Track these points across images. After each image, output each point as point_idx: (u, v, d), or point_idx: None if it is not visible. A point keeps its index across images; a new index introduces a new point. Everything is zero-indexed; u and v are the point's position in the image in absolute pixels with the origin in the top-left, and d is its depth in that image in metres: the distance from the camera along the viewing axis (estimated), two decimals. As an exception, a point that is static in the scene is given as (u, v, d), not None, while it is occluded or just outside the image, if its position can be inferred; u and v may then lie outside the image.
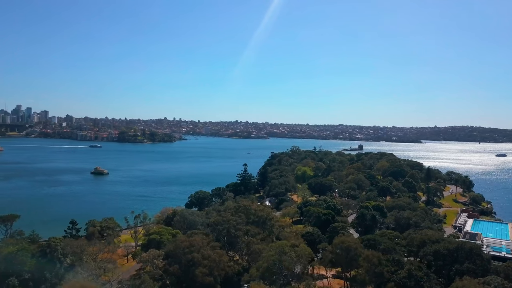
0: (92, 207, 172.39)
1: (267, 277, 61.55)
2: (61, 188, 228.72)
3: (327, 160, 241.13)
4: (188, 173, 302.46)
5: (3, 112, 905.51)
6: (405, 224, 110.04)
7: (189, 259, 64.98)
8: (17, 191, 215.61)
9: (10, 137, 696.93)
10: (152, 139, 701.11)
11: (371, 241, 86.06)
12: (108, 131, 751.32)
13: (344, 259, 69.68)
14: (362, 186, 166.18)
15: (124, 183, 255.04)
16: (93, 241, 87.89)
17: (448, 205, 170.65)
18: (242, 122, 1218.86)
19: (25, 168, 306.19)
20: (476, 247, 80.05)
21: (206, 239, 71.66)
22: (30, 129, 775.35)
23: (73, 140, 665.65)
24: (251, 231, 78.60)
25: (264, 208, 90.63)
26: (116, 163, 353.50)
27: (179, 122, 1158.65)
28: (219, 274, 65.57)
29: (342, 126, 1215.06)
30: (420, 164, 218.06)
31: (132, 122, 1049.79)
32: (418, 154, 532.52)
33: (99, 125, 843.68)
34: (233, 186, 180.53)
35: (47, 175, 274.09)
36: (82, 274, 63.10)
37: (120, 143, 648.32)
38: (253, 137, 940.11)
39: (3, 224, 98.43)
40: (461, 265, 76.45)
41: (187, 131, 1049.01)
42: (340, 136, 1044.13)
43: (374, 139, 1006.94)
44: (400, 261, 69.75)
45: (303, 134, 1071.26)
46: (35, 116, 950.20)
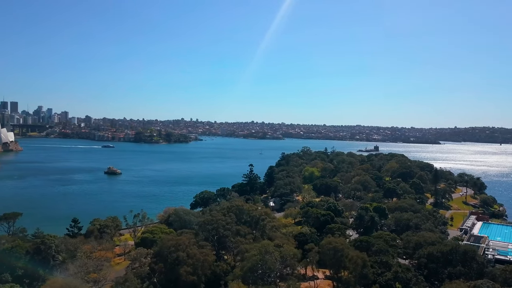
0: (100, 205, 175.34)
1: (249, 277, 61.66)
2: (73, 187, 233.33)
3: (336, 161, 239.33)
4: (199, 173, 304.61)
5: (25, 113, 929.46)
6: (404, 226, 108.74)
7: (174, 257, 65.55)
8: (30, 189, 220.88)
9: (30, 137, 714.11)
10: (168, 140, 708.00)
11: (364, 243, 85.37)
12: (125, 131, 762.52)
13: (331, 260, 69.29)
14: (368, 188, 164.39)
15: (135, 183, 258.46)
16: (90, 239, 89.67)
17: (457, 207, 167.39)
18: (258, 123, 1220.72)
19: (41, 168, 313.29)
20: (470, 250, 78.47)
21: (193, 238, 72.14)
22: (50, 129, 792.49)
23: (91, 140, 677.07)
24: (241, 231, 78.73)
25: (257, 208, 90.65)
26: (129, 163, 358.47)
27: (196, 123, 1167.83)
28: (203, 273, 65.94)
29: (359, 127, 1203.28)
30: (430, 166, 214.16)
31: (149, 122, 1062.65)
32: (434, 155, 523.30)
33: (116, 126, 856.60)
34: (239, 186, 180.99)
35: (61, 174, 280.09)
36: (70, 271, 64.09)
37: (137, 143, 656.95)
38: (268, 138, 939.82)
39: (5, 222, 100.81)
40: (453, 268, 75.25)
41: (203, 132, 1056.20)
42: (357, 137, 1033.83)
43: (391, 140, 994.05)
44: (388, 263, 68.81)
45: (319, 135, 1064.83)
46: (56, 117, 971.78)
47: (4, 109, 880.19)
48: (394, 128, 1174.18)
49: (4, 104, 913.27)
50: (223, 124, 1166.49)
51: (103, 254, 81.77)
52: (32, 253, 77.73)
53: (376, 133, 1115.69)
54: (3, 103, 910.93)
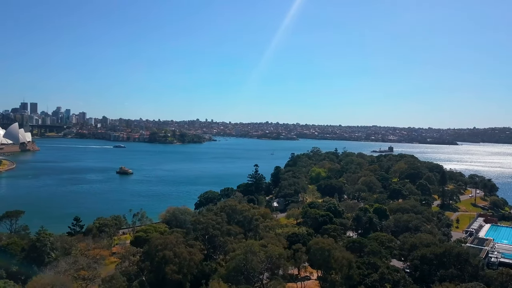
0: (107, 205, 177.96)
1: (233, 276, 61.91)
2: (84, 186, 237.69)
3: (344, 162, 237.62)
4: (209, 173, 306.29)
5: (44, 113, 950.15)
6: (404, 227, 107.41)
7: (161, 256, 66.27)
8: (42, 188, 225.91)
9: (48, 137, 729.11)
10: (182, 140, 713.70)
11: (356, 244, 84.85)
12: (140, 132, 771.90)
13: (318, 260, 69.09)
14: (373, 189, 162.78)
15: (145, 182, 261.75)
16: (87, 237, 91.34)
17: (465, 209, 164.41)
18: (273, 123, 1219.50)
19: (55, 167, 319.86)
20: (464, 252, 76.97)
21: (182, 237, 72.79)
22: (68, 130, 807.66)
23: (107, 140, 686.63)
24: (232, 231, 79.07)
25: (250, 208, 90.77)
26: (141, 163, 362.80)
27: (211, 124, 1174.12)
28: (190, 272, 66.47)
29: (375, 127, 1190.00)
30: (439, 167, 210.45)
31: (165, 123, 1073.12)
32: (449, 156, 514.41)
33: (132, 126, 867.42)
34: (244, 186, 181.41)
35: (74, 174, 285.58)
36: (59, 268, 65.37)
37: (151, 144, 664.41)
38: (282, 138, 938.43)
39: (8, 220, 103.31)
40: (446, 271, 74.08)
41: (218, 132, 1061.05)
42: (372, 137, 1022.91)
43: (407, 141, 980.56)
44: (376, 264, 68.12)
45: (333, 136, 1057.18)
46: (74, 118, 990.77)
47: (24, 110, 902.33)
48: (411, 129, 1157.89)
49: (24, 105, 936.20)
50: (238, 124, 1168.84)
51: (97, 252, 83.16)
52: (27, 250, 79.70)
53: (392, 133, 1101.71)
54: (23, 104, 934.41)
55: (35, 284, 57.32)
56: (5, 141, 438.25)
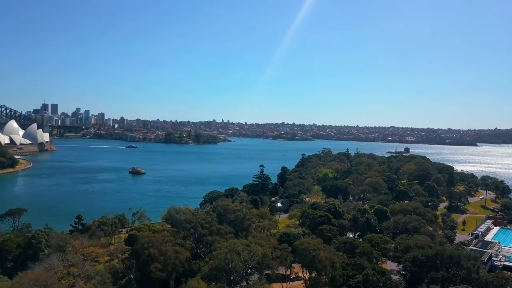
0: (115, 204, 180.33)
1: (215, 275, 62.21)
2: (95, 185, 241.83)
3: (353, 163, 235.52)
4: (219, 173, 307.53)
5: (63, 114, 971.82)
6: (403, 228, 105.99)
7: (146, 254, 67.10)
8: (55, 187, 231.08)
9: (67, 137, 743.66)
10: (197, 141, 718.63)
11: (347, 245, 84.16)
12: (156, 132, 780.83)
13: (303, 260, 68.81)
14: (379, 190, 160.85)
15: (155, 182, 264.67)
16: (83, 235, 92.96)
17: (473, 211, 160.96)
18: (289, 124, 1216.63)
19: (69, 166, 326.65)
20: (456, 255, 75.38)
21: (169, 236, 73.49)
22: (86, 130, 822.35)
23: (123, 140, 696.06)
24: (222, 230, 79.41)
25: (242, 208, 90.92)
26: (154, 163, 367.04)
27: (227, 124, 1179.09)
28: (174, 270, 67.11)
29: (393, 128, 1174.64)
30: (450, 168, 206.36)
31: (182, 124, 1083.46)
32: (465, 157, 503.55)
33: (148, 127, 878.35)
34: (250, 186, 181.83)
35: (87, 173, 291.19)
36: (46, 265, 66.71)
37: (167, 144, 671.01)
38: (297, 139, 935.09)
39: (11, 217, 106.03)
40: (436, 273, 72.87)
41: (233, 133, 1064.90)
42: (389, 138, 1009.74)
43: (425, 142, 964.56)
44: (361, 265, 67.41)
45: (350, 136, 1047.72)
46: (92, 118, 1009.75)
47: (45, 111, 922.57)
48: (430, 130, 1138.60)
49: (45, 106, 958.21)
50: (253, 125, 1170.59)
51: (91, 250, 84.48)
52: (23, 247, 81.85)
53: (410, 134, 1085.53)
54: (44, 105, 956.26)
55: (20, 280, 58.67)
56: (24, 141, 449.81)
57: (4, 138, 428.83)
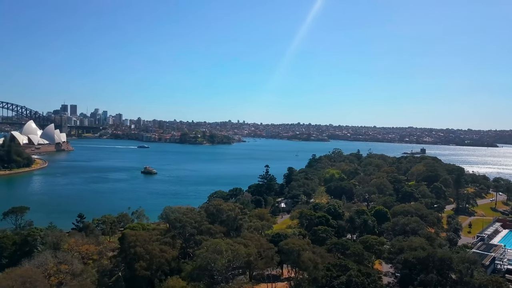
0: (121, 202, 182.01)
1: (196, 274, 62.56)
2: (106, 185, 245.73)
3: (362, 164, 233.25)
4: (229, 173, 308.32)
5: (82, 115, 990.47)
6: (401, 230, 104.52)
7: (132, 252, 67.98)
8: (67, 186, 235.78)
9: (85, 138, 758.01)
10: (212, 141, 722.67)
11: (338, 246, 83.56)
12: (171, 133, 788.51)
13: (288, 261, 68.62)
14: (384, 191, 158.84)
15: (165, 182, 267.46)
16: (81, 233, 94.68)
17: (482, 214, 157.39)
18: (305, 125, 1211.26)
19: (83, 166, 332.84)
20: (448, 257, 73.88)
21: (156, 235, 74.22)
22: (103, 130, 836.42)
23: (140, 141, 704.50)
24: (212, 230, 79.79)
25: (234, 208, 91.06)
26: (167, 163, 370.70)
27: (242, 125, 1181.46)
28: (159, 269, 67.79)
29: (411, 129, 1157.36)
30: (460, 169, 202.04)
31: (198, 124, 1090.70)
32: (482, 159, 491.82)
33: (164, 127, 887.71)
34: (255, 187, 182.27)
35: (100, 172, 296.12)
36: (35, 262, 68.23)
37: (181, 144, 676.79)
38: (312, 140, 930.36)
39: (13, 215, 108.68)
40: (426, 276, 71.70)
41: (249, 133, 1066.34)
42: (406, 139, 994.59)
43: (443, 143, 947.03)
44: (346, 266, 66.73)
45: (366, 137, 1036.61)
46: (110, 119, 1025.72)
47: (64, 112, 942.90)
48: (449, 130, 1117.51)
49: (65, 107, 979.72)
50: (269, 125, 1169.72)
51: (86, 248, 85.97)
52: (19, 244, 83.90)
53: (428, 135, 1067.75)
54: (63, 106, 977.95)
55: (7, 275, 60.27)
56: (41, 141, 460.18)
57: (23, 138, 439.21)
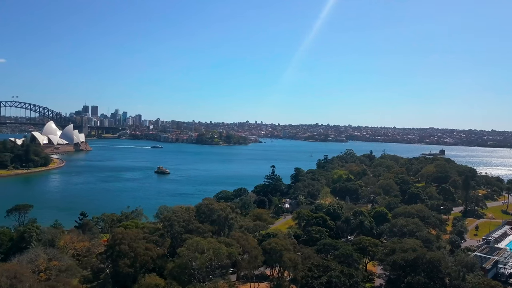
0: (128, 201, 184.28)
1: (176, 272, 63.13)
2: (117, 184, 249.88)
3: (372, 164, 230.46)
4: (240, 173, 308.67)
5: (103, 116, 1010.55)
6: (398, 232, 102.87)
7: (117, 250, 69.12)
8: (80, 185, 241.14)
9: (104, 138, 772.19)
10: (228, 142, 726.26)
11: (327, 246, 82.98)
12: (189, 133, 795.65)
13: (271, 261, 68.53)
14: (390, 192, 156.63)
15: (176, 182, 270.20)
16: (77, 231, 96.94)
17: (491, 216, 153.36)
18: (323, 125, 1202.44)
19: (98, 165, 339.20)
20: (436, 259, 72.33)
21: (143, 233, 75.21)
22: (122, 131, 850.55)
23: (157, 141, 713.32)
24: (200, 229, 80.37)
25: (226, 207, 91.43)
26: (180, 163, 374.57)
27: (259, 125, 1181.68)
28: (143, 266, 68.70)
29: (432, 130, 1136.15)
30: (473, 170, 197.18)
31: (216, 125, 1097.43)
32: (502, 160, 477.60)
33: (182, 128, 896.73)
34: (261, 187, 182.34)
35: (114, 172, 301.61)
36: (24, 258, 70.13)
37: (198, 145, 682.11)
38: (330, 140, 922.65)
39: (17, 212, 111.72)
40: (413, 278, 70.53)
41: (266, 134, 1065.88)
42: (426, 140, 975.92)
43: (465, 144, 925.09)
44: (328, 267, 66.21)
45: (385, 138, 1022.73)
46: (130, 119, 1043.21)
47: (86, 113, 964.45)
48: (471, 131, 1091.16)
49: (86, 108, 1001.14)
50: (286, 126, 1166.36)
51: (81, 245, 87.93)
52: (15, 240, 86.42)
53: (449, 136, 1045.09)
54: (85, 107, 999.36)
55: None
56: (61, 141, 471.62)
57: (43, 138, 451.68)
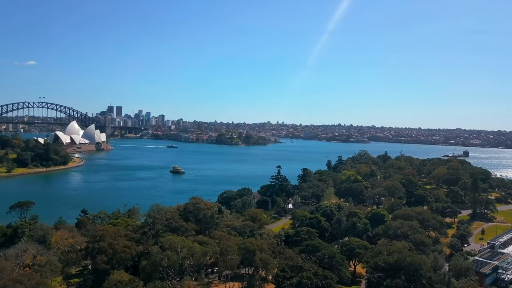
0: (137, 200, 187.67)
1: (149, 270, 63.88)
2: (131, 182, 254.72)
3: (385, 165, 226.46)
4: (254, 173, 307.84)
5: (126, 116, 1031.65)
6: (393, 234, 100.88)
7: (96, 246, 70.56)
8: (95, 183, 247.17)
9: (127, 138, 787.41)
10: (247, 142, 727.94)
11: (310, 247, 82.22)
12: (209, 133, 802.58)
13: (245, 260, 68.43)
14: (395, 193, 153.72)
15: (189, 181, 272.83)
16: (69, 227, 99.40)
17: (501, 220, 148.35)
18: (345, 126, 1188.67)
19: (116, 164, 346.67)
20: (417, 263, 70.51)
21: (126, 230, 76.46)
22: (145, 131, 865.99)
23: (178, 141, 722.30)
24: (184, 227, 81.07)
25: (211, 206, 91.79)
26: (196, 163, 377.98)
27: (281, 126, 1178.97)
28: (121, 263, 69.85)
29: (459, 131, 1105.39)
30: (487, 172, 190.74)
31: (237, 125, 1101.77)
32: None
33: (202, 128, 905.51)
34: (267, 187, 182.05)
35: (130, 170, 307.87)
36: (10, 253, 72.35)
37: (218, 145, 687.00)
38: (352, 141, 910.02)
39: (19, 209, 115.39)
40: (392, 281, 69.17)
41: (287, 135, 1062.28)
42: (451, 141, 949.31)
43: (492, 145, 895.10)
44: (302, 267, 65.56)
45: (408, 139, 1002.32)
46: (153, 120, 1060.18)
47: (110, 113, 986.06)
48: (500, 132, 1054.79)
49: (111, 108, 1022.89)
50: (308, 127, 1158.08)
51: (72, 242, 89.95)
52: (9, 235, 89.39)
53: (476, 137, 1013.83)
54: (110, 107, 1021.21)
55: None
56: (82, 141, 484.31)
57: (66, 138, 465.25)
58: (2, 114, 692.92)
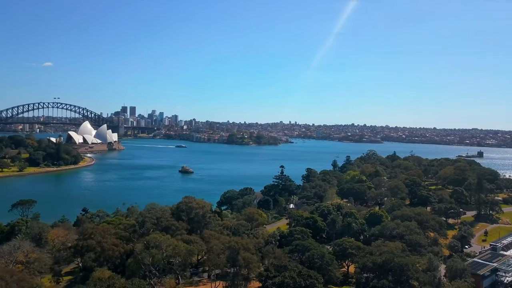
0: (142, 199, 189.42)
1: (133, 268, 64.57)
2: (138, 182, 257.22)
3: (392, 165, 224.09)
4: (261, 173, 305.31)
5: (140, 116, 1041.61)
6: (389, 235, 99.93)
7: (85, 244, 71.59)
8: (103, 182, 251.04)
9: (140, 138, 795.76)
10: (258, 142, 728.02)
11: (299, 247, 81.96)
12: (220, 133, 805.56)
13: (230, 259, 68.56)
14: (397, 194, 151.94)
15: (197, 181, 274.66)
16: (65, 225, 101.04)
17: (507, 221, 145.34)
18: (359, 126, 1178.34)
19: (126, 164, 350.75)
20: (404, 263, 69.64)
21: (116, 228, 77.37)
22: (157, 131, 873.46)
23: (190, 141, 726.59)
24: (174, 226, 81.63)
25: (203, 205, 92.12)
26: (204, 163, 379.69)
27: (293, 126, 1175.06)
28: (109, 261, 70.74)
29: (475, 131, 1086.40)
30: (494, 173, 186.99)
31: (250, 125, 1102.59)
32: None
33: (214, 128, 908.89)
34: (270, 187, 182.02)
35: (139, 170, 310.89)
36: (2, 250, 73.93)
37: (229, 145, 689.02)
38: (364, 141, 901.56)
39: (20, 207, 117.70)
40: (378, 281, 68.58)
41: (299, 135, 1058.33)
42: (467, 141, 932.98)
43: (509, 146, 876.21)
44: (286, 267, 65.41)
45: (422, 139, 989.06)
46: (166, 120, 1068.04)
47: (124, 113, 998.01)
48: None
49: (124, 108, 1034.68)
50: (321, 127, 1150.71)
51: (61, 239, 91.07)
52: (6, 233, 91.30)
53: (493, 137, 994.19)
54: (123, 108, 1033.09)
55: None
56: (95, 141, 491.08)
57: (79, 138, 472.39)
58: (19, 114, 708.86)
